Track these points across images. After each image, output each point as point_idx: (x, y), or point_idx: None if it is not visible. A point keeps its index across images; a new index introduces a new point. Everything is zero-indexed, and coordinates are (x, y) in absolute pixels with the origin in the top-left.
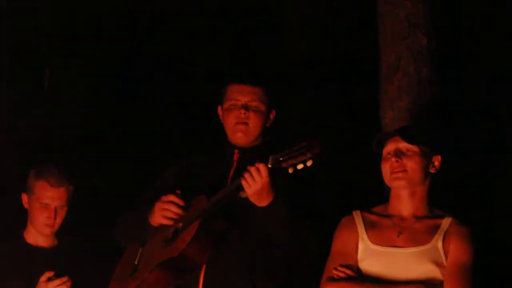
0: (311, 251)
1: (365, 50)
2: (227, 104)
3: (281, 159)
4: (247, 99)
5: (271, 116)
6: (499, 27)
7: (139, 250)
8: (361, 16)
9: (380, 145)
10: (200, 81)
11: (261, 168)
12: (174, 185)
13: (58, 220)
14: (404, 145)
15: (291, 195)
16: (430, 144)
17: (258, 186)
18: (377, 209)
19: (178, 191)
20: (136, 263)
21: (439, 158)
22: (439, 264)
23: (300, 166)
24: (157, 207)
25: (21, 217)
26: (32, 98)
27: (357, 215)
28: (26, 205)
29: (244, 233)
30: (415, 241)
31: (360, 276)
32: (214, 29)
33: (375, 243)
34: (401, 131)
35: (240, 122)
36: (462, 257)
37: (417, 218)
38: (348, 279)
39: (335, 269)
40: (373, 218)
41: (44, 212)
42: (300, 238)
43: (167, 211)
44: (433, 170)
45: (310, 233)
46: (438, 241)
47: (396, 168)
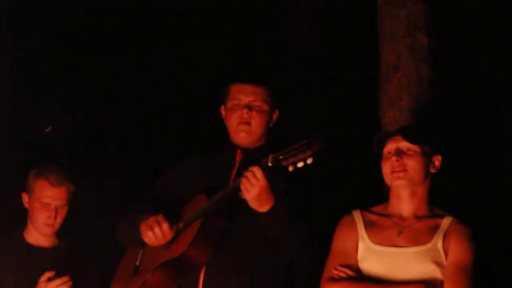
0: (311, 251)
1: (365, 50)
2: (230, 104)
3: (281, 157)
4: (250, 99)
5: (274, 116)
6: (499, 27)
7: (140, 250)
8: (361, 15)
9: (380, 144)
10: (201, 81)
11: (255, 171)
12: (176, 184)
13: (59, 219)
14: (405, 145)
15: (291, 194)
16: (431, 143)
17: (256, 190)
18: (376, 209)
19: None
20: (137, 264)
21: (439, 157)
22: (439, 264)
23: (300, 164)
24: (148, 222)
25: (21, 217)
26: (32, 98)
27: (357, 215)
28: (26, 205)
29: (244, 233)
30: (415, 241)
31: (360, 275)
32: (214, 29)
33: (376, 243)
34: (402, 131)
35: (243, 122)
36: (462, 257)
37: (417, 217)
38: (349, 278)
39: (335, 268)
40: (373, 217)
41: (45, 211)
42: (300, 239)
43: (152, 232)
44: (433, 170)
45: (310, 234)
46: (438, 241)
47: (396, 167)
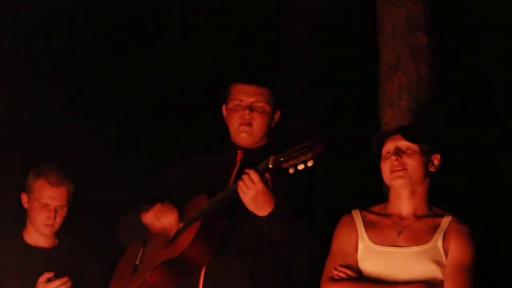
0: (311, 252)
1: (364, 50)
2: (231, 104)
3: (282, 159)
4: (252, 99)
5: (276, 116)
6: (499, 27)
7: (140, 249)
8: (361, 15)
9: (379, 144)
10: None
11: (251, 174)
12: (177, 184)
13: (58, 220)
14: (404, 144)
15: (292, 196)
16: (430, 142)
17: (252, 193)
18: (376, 209)
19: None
20: (137, 263)
21: (438, 156)
22: (439, 263)
23: (301, 167)
24: (156, 208)
25: (21, 217)
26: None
27: (356, 215)
28: (26, 205)
29: (245, 233)
30: (415, 241)
31: (360, 276)
32: (214, 29)
33: (375, 243)
34: (401, 130)
35: (244, 123)
36: (462, 256)
37: (417, 217)
38: (349, 279)
39: (335, 269)
40: (373, 217)
41: (44, 212)
42: (300, 241)
43: (164, 220)
44: (432, 169)
45: (311, 235)
46: (438, 240)
47: (396, 166)
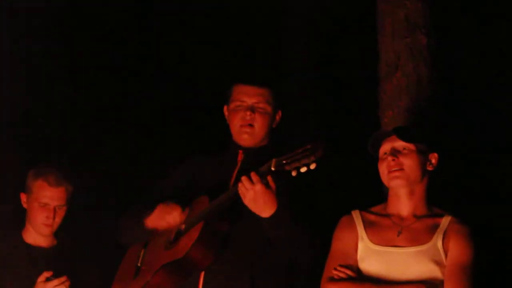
0: (313, 253)
1: (364, 50)
2: (233, 105)
3: (284, 162)
4: (254, 100)
5: (277, 117)
6: (499, 27)
7: (142, 251)
8: (360, 15)
9: (375, 146)
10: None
11: (251, 176)
12: (179, 185)
13: (57, 219)
14: (400, 144)
15: (294, 198)
16: (426, 141)
17: (251, 195)
18: (376, 209)
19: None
20: (138, 264)
21: (435, 155)
22: (439, 264)
23: (303, 169)
24: (159, 209)
25: (20, 217)
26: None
27: (356, 215)
28: (25, 205)
29: (246, 234)
30: (415, 241)
31: (360, 276)
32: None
33: (375, 243)
34: (396, 130)
35: (246, 124)
36: (462, 256)
37: (416, 217)
38: (348, 279)
39: (335, 269)
40: (372, 218)
41: (43, 211)
42: (302, 243)
43: (168, 218)
44: (430, 168)
45: (312, 237)
46: (438, 240)
47: (393, 166)
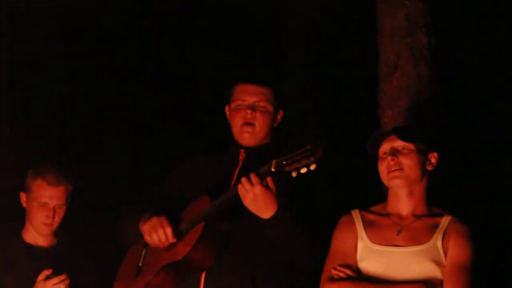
0: (313, 254)
1: (364, 50)
2: (234, 104)
3: (284, 162)
4: (254, 99)
5: (279, 116)
6: (499, 27)
7: (143, 250)
8: (360, 15)
9: (375, 146)
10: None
11: (251, 177)
12: (178, 185)
13: (57, 219)
14: (400, 144)
15: (293, 198)
16: (426, 141)
17: (250, 196)
18: (375, 208)
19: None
20: (140, 264)
21: (435, 155)
22: (439, 263)
23: (303, 170)
24: (151, 222)
25: (20, 217)
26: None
27: (356, 215)
28: (24, 204)
29: (246, 234)
30: (415, 240)
31: (359, 275)
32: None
33: (375, 243)
34: (395, 130)
35: (247, 123)
36: (462, 256)
37: (416, 216)
38: (348, 278)
39: (335, 268)
40: (372, 217)
41: (43, 211)
42: (302, 244)
43: (156, 235)
44: (430, 167)
45: (312, 237)
46: (437, 240)
47: (392, 166)
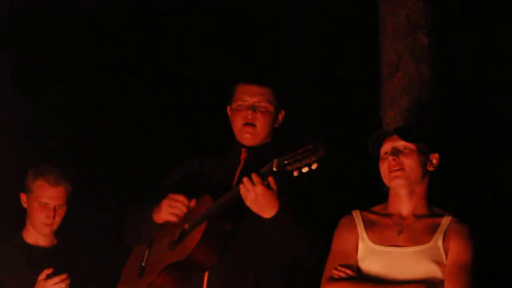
0: (315, 254)
1: (365, 50)
2: (235, 105)
3: (285, 162)
4: (255, 99)
5: (280, 116)
6: (499, 27)
7: (146, 250)
8: (361, 15)
9: (376, 146)
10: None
11: (252, 177)
12: (182, 184)
13: (57, 219)
14: (401, 144)
15: (294, 198)
16: (427, 141)
17: (252, 195)
18: (376, 209)
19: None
20: (143, 264)
21: (436, 155)
22: (439, 263)
23: (305, 170)
24: (165, 203)
25: (20, 217)
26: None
27: (356, 215)
28: (25, 205)
29: (249, 234)
30: (416, 240)
31: (360, 275)
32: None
33: (375, 243)
34: (397, 130)
35: (248, 124)
36: (462, 256)
37: (417, 217)
38: (349, 278)
39: (335, 269)
40: (373, 217)
41: (43, 211)
42: (304, 244)
43: (175, 208)
44: (431, 168)
45: (313, 237)
46: (438, 240)
47: (393, 166)
